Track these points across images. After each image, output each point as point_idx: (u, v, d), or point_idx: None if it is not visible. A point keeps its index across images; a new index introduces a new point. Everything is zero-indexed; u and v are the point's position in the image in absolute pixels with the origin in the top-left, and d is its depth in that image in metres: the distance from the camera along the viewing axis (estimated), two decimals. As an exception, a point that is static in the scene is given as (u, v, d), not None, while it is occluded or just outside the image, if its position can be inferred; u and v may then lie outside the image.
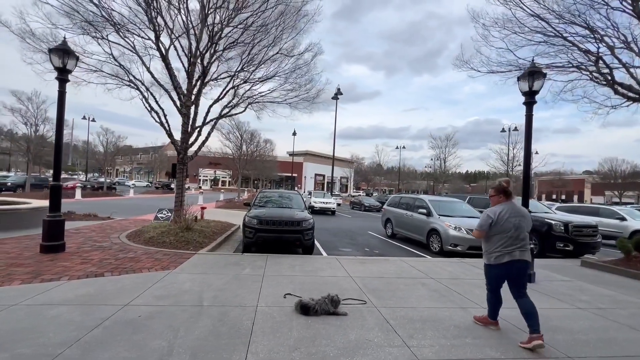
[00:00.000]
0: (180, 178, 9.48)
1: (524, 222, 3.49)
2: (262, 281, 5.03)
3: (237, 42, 9.66)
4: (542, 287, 5.55)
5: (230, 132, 23.68)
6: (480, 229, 3.58)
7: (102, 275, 4.90)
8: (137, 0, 8.04)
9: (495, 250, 3.49)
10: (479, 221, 3.63)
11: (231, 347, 2.92)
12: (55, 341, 2.83)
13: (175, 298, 4.08)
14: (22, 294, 3.95)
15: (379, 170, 70.94)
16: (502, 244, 3.44)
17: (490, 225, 3.48)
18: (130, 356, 2.68)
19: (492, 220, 3.47)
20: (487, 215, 3.54)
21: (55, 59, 6.12)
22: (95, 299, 3.89)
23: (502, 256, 3.44)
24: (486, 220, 3.51)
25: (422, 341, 3.25)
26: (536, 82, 6.03)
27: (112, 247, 6.84)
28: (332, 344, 3.08)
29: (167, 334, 3.09)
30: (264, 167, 32.41)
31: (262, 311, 3.82)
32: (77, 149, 59.69)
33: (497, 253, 3.47)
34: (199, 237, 7.90)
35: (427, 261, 7.47)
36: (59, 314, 3.40)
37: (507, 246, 3.42)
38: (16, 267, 5.03)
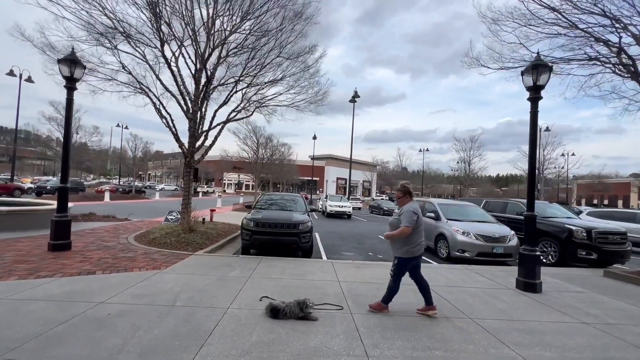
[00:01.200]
0: (187, 181, 9.74)
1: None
2: (245, 283, 5.01)
3: (243, 47, 9.84)
4: (547, 298, 5.09)
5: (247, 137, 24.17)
6: (410, 224, 3.91)
7: (94, 273, 5.09)
8: (144, 11, 8.40)
9: (418, 243, 4.03)
10: (408, 218, 3.93)
11: (183, 348, 2.89)
12: (18, 335, 2.94)
13: (151, 297, 4.14)
14: (13, 288, 4.18)
15: (403, 173, 69.42)
16: (421, 236, 4.05)
17: (417, 221, 3.95)
18: (82, 353, 2.73)
19: (418, 216, 3.96)
20: (413, 212, 3.97)
21: (64, 68, 6.53)
22: (76, 295, 4.04)
23: (421, 247, 4.07)
24: (413, 216, 3.94)
25: (387, 351, 3.05)
26: (541, 77, 5.61)
27: (116, 247, 7.12)
28: (287, 349, 2.97)
29: (126, 333, 3.12)
30: (282, 170, 32.67)
31: (231, 313, 3.77)
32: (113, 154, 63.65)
33: (419, 245, 4.04)
34: (200, 239, 8.06)
35: (428, 267, 7.11)
36: (35, 309, 3.55)
37: (422, 238, 4.10)
38: (20, 264, 5.35)
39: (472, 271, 6.79)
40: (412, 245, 4.00)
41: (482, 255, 8.01)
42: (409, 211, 3.98)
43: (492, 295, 5.11)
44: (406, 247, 4.00)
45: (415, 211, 3.98)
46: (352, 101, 27.91)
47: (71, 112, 6.69)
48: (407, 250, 4.01)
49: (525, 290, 5.43)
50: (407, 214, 3.96)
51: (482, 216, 9.60)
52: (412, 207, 4.03)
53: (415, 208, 4.03)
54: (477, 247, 8.05)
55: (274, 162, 28.73)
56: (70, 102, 6.68)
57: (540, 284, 5.47)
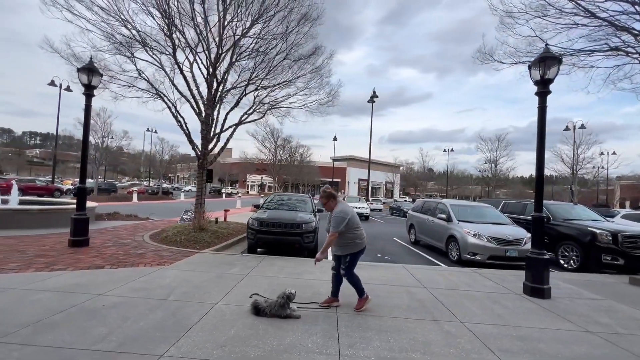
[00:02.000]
0: (200, 182, 10.10)
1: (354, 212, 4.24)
2: (240, 281, 5.12)
3: (252, 51, 10.09)
4: (554, 305, 4.79)
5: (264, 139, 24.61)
6: (337, 229, 3.98)
7: (102, 267, 5.42)
8: (157, 20, 8.84)
9: (361, 237, 4.17)
10: (336, 224, 4.01)
11: (162, 339, 3.02)
12: (17, 321, 3.21)
13: (148, 291, 4.34)
14: (27, 279, 4.54)
15: (428, 174, 67.61)
16: (360, 232, 4.17)
17: (347, 224, 4.00)
18: (69, 339, 2.92)
19: (348, 219, 4.00)
20: (341, 217, 4.00)
21: (82, 76, 7.01)
22: (79, 288, 4.32)
23: (363, 242, 4.20)
24: (343, 220, 3.98)
25: (361, 351, 3.02)
26: (550, 70, 5.30)
27: (130, 244, 7.52)
28: (261, 345, 3.02)
29: (114, 323, 3.30)
30: (302, 172, 32.92)
31: (218, 309, 3.88)
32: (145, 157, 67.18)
33: (362, 239, 4.18)
34: (209, 238, 8.32)
35: (433, 270, 6.91)
36: (40, 299, 3.84)
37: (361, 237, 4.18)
38: (40, 258, 5.80)
39: (479, 275, 6.52)
40: (355, 241, 4.13)
41: (494, 259, 7.67)
42: (338, 216, 4.02)
43: (494, 300, 4.88)
44: (355, 241, 4.13)
45: (344, 215, 4.01)
46: (371, 101, 27.67)
47: (89, 117, 7.17)
48: (356, 244, 4.14)
49: (533, 296, 5.14)
50: (336, 218, 4.02)
51: (498, 218, 9.18)
52: (340, 210, 4.08)
53: (345, 211, 4.07)
54: (489, 250, 7.71)
55: (292, 163, 29.01)
56: (89, 108, 7.16)
57: (548, 289, 5.15)
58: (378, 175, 67.90)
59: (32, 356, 2.61)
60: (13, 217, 8.81)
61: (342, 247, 4.18)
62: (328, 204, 4.24)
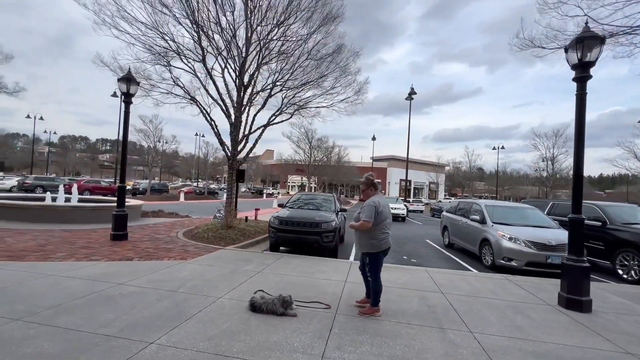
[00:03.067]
0: (230, 182, 10.55)
1: (389, 210, 4.00)
2: (251, 277, 5.24)
3: (278, 53, 10.31)
4: (593, 320, 4.18)
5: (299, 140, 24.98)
6: (368, 219, 3.80)
7: (131, 259, 5.90)
8: (190, 30, 9.42)
9: (381, 238, 3.88)
10: (368, 213, 3.82)
11: (159, 328, 3.19)
12: (44, 304, 3.61)
13: (162, 283, 4.63)
14: (66, 268, 5.11)
15: (478, 174, 63.36)
16: (384, 229, 3.89)
17: (376, 215, 3.80)
18: (80, 322, 3.22)
19: (377, 210, 3.81)
20: (373, 206, 3.83)
21: (122, 85, 7.72)
22: (105, 277, 4.75)
23: (386, 241, 3.90)
24: (371, 210, 3.81)
25: (347, 354, 2.90)
26: (589, 51, 4.66)
27: (163, 240, 8.10)
28: (248, 340, 3.05)
29: (122, 310, 3.57)
30: (339, 172, 32.81)
31: (220, 303, 4.01)
32: (197, 160, 72.24)
33: (384, 241, 3.89)
34: (235, 235, 8.66)
35: (458, 274, 6.44)
36: (69, 286, 4.29)
37: (387, 232, 3.92)
38: (83, 249, 6.49)
39: (511, 282, 5.94)
40: (377, 240, 3.89)
41: (533, 265, 6.93)
42: (370, 205, 3.88)
43: (518, 310, 4.40)
44: (371, 241, 3.91)
45: (376, 205, 3.86)
46: (409, 99, 26.73)
47: (127, 122, 7.87)
48: (372, 244, 3.91)
49: (568, 308, 4.55)
50: (367, 207, 3.88)
51: (541, 220, 8.28)
52: (373, 200, 3.93)
53: (376, 202, 3.90)
54: (526, 256, 6.98)
55: (329, 164, 29.06)
56: (127, 115, 7.86)
57: (588, 301, 4.51)
58: (420, 176, 65.30)
59: (44, 335, 2.92)
60: (72, 213, 9.99)
61: (362, 245, 4.05)
62: (367, 191, 4.08)
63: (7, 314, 3.30)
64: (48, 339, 2.85)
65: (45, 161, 57.77)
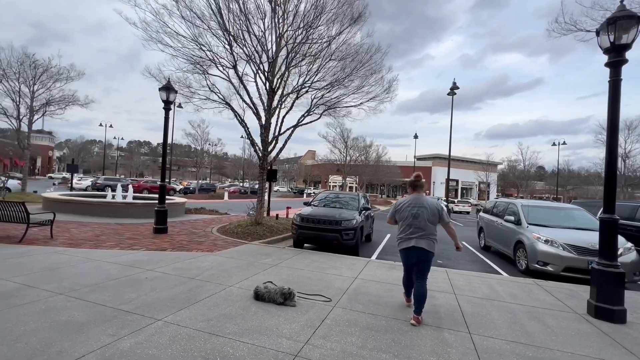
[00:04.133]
0: (261, 181, 11.08)
1: (423, 212, 3.74)
2: (266, 270, 5.54)
3: (306, 56, 10.61)
4: (622, 330, 3.76)
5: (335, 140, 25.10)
6: (389, 217, 4.09)
7: (165, 250, 6.57)
8: (222, 40, 10.10)
9: (399, 236, 3.88)
10: (447, 215, 3.96)
11: (168, 308, 3.59)
12: (85, 283, 4.25)
13: (184, 271, 5.12)
14: (110, 255, 5.87)
15: (538, 173, 57.90)
16: (403, 230, 3.84)
17: (394, 213, 3.96)
18: (107, 299, 3.75)
19: (395, 209, 3.97)
20: (393, 205, 4.09)
21: (162, 94, 8.58)
22: (139, 263, 5.38)
23: (403, 242, 3.82)
24: (391, 210, 4.03)
25: (331, 344, 3.01)
26: (625, 33, 4.19)
27: (198, 234, 8.82)
28: (242, 323, 3.31)
29: (143, 291, 4.06)
30: (378, 172, 32.30)
31: (229, 290, 4.34)
32: (239, 161, 76.20)
33: (401, 239, 3.86)
34: (263, 231, 9.11)
35: (480, 277, 6.12)
36: (108, 269, 4.96)
37: (407, 233, 3.78)
38: (129, 240, 7.36)
39: (540, 287, 5.50)
40: (397, 239, 3.98)
41: (572, 271, 6.32)
42: (393, 205, 4.15)
43: (535, 316, 4.11)
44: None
45: (396, 204, 4.04)
46: (451, 94, 25.44)
47: (167, 126, 8.72)
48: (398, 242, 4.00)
49: (597, 317, 4.13)
50: (444, 210, 3.95)
51: (586, 222, 7.47)
52: (399, 200, 4.12)
53: (400, 201, 4.04)
54: (564, 260, 6.38)
55: (367, 163, 28.79)
56: (167, 120, 8.71)
57: (621, 311, 4.05)
58: (469, 175, 61.62)
59: (77, 307, 3.46)
60: (126, 209, 11.29)
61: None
62: (409, 190, 4.11)
63: (54, 289, 3.95)
64: (79, 310, 3.39)
65: (115, 164, 65.13)
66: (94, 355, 2.56)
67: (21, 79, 16.12)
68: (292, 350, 2.84)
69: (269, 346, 2.89)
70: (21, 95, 16.32)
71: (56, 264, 5.05)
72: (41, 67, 16.46)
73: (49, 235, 7.07)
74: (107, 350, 2.63)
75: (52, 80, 17.03)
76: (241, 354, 2.72)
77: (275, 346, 2.89)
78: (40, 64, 16.63)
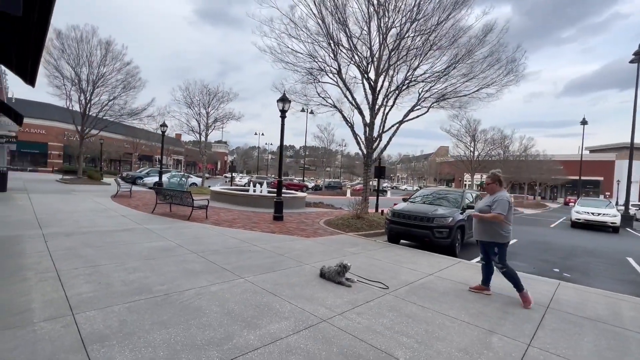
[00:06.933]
0: (365, 178, 11.59)
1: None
2: (345, 256, 6.05)
3: (409, 50, 10.45)
4: None
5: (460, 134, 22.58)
6: (503, 212, 4.16)
7: (273, 233, 8.02)
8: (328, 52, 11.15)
9: (510, 229, 4.26)
10: (502, 207, 4.17)
11: (252, 272, 4.65)
12: (211, 249, 5.89)
13: (279, 249, 6.24)
14: (235, 232, 7.68)
15: None
16: (511, 224, 4.27)
17: (509, 209, 4.19)
18: (219, 259, 5.15)
19: (510, 204, 4.22)
20: (507, 201, 4.22)
21: (279, 104, 10.32)
22: (250, 240, 6.87)
23: (510, 234, 4.29)
24: (505, 205, 4.20)
25: (360, 319, 3.31)
26: None
27: (306, 223, 10.15)
28: (298, 291, 3.99)
29: (243, 259, 5.32)
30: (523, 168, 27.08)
31: (303, 267, 5.12)
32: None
33: (511, 232, 4.29)
34: (361, 224, 9.63)
35: (605, 296, 4.76)
36: (230, 242, 6.59)
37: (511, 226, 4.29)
38: (253, 224, 9.29)
39: None
40: (506, 232, 4.24)
41: None
42: (504, 200, 4.22)
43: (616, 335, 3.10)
44: (501, 232, 4.22)
45: (509, 200, 4.27)
46: (635, 60, 18.84)
47: (283, 131, 10.41)
48: (502, 235, 4.23)
49: None
50: (501, 202, 4.21)
51: None
52: (505, 196, 4.30)
53: (508, 197, 4.33)
54: None
55: (506, 158, 24.72)
56: (283, 126, 10.40)
57: None
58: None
59: (198, 261, 4.96)
60: (260, 200, 13.96)
61: (489, 235, 4.30)
62: (492, 185, 4.43)
63: (192, 250, 5.70)
64: (199, 264, 4.86)
65: (267, 165, 78.58)
66: (194, 290, 3.77)
67: (200, 103, 22.27)
68: (324, 317, 3.32)
69: (307, 309, 3.46)
70: (201, 115, 22.55)
71: (200, 235, 7.10)
72: (212, 93, 22.20)
73: (205, 216, 9.76)
74: (202, 290, 3.81)
75: (219, 103, 22.66)
76: (283, 310, 3.40)
77: (312, 310, 3.44)
78: (212, 91, 22.44)
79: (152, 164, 45.67)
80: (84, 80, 20.20)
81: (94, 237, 6.17)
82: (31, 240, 5.57)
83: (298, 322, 3.15)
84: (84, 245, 5.52)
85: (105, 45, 20.18)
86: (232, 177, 28.56)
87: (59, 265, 4.36)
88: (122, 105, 21.71)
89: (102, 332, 2.69)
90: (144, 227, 7.54)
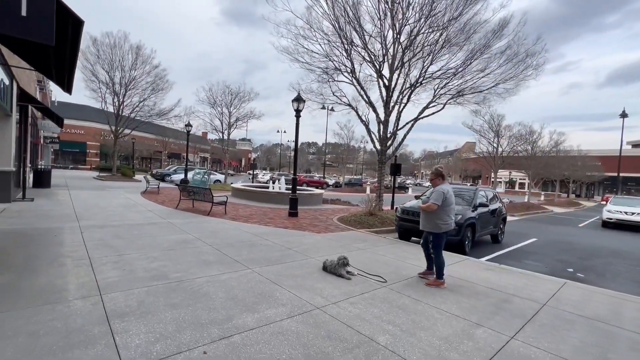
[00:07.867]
0: (380, 175, 11.70)
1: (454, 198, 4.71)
2: (351, 252, 6.30)
3: (423, 46, 10.41)
4: None
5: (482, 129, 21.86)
6: (436, 202, 4.52)
7: (285, 228, 8.39)
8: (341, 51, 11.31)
9: (445, 219, 4.57)
10: (436, 197, 4.54)
11: (260, 264, 5.01)
12: (225, 242, 6.33)
13: (289, 243, 6.58)
14: (251, 227, 8.12)
15: None
16: (449, 214, 4.58)
17: (443, 200, 4.51)
18: (231, 252, 5.57)
19: (445, 196, 4.53)
20: (442, 192, 4.55)
21: (294, 104, 10.64)
22: (263, 235, 7.27)
23: (448, 225, 4.59)
24: (440, 195, 4.53)
25: (352, 308, 3.56)
26: None
27: (319, 219, 10.45)
28: (300, 281, 4.30)
29: (253, 252, 5.70)
30: (553, 164, 25.81)
31: (308, 261, 5.42)
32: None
33: (447, 224, 4.59)
34: (373, 221, 9.79)
35: (611, 296, 4.68)
36: (244, 236, 7.02)
37: (450, 216, 4.60)
38: (269, 219, 9.72)
39: None
40: (442, 221, 4.58)
41: None
42: (439, 191, 4.59)
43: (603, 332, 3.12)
44: (436, 221, 4.60)
45: (444, 191, 4.56)
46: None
47: (298, 130, 10.73)
48: (436, 225, 4.61)
49: None
50: (436, 193, 4.60)
51: None
52: (442, 187, 4.64)
53: (445, 189, 4.60)
54: None
55: (533, 154, 23.71)
56: (297, 125, 10.73)
57: None
58: None
59: (212, 253, 5.40)
60: (277, 197, 14.42)
61: (427, 225, 4.75)
62: (435, 180, 4.85)
63: (208, 242, 6.17)
64: (213, 255, 5.30)
65: (288, 162, 79.65)
66: (205, 278, 4.18)
67: (223, 103, 23.15)
68: (318, 305, 3.60)
69: (304, 298, 3.76)
70: (223, 115, 23.44)
71: (218, 229, 7.59)
72: (234, 93, 23.00)
73: (224, 212, 10.31)
74: (212, 278, 4.21)
75: (240, 102, 23.43)
76: (282, 297, 3.72)
77: (308, 299, 3.74)
78: (233, 91, 23.24)
79: (180, 161, 47.87)
80: (117, 83, 21.62)
81: (122, 229, 6.81)
82: (70, 232, 6.27)
83: (294, 308, 3.46)
84: (113, 236, 6.14)
85: (135, 49, 21.47)
86: (253, 175, 29.40)
87: (92, 253, 4.93)
88: (152, 106, 23.04)
89: (123, 310, 3.13)
90: (167, 221, 8.16)
